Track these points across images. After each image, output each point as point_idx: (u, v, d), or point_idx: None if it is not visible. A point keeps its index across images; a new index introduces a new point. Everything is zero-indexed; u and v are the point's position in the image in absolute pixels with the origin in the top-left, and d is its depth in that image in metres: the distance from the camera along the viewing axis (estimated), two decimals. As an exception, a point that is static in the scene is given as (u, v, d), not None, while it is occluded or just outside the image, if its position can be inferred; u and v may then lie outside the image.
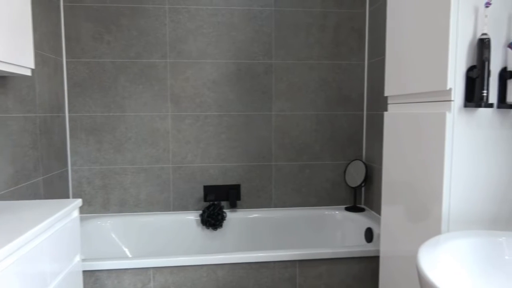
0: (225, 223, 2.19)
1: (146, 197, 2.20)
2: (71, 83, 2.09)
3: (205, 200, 2.22)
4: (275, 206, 2.30)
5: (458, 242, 0.86)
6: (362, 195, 2.37)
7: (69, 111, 2.10)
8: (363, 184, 2.20)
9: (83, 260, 1.57)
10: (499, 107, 0.98)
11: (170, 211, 2.22)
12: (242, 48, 2.19)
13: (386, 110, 2.04)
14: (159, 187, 2.20)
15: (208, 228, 2.18)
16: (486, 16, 0.95)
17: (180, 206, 2.23)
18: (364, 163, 2.20)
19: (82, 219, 2.06)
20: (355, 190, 2.27)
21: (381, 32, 2.09)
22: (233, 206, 2.21)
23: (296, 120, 2.27)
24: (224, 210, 2.21)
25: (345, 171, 2.32)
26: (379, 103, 2.13)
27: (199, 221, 2.18)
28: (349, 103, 2.31)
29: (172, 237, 2.15)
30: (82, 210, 2.15)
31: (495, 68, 0.97)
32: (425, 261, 0.74)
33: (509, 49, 0.95)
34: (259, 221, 2.21)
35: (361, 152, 2.35)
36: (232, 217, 2.20)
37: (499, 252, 0.86)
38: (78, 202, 1.26)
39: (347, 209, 2.27)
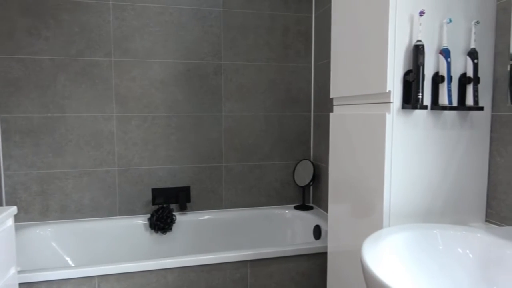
0: (175, 226, 2.15)
1: (89, 202, 2.09)
2: (3, 82, 1.93)
3: (154, 203, 2.16)
4: (226, 207, 2.30)
5: (397, 235, 0.91)
6: (311, 194, 2.44)
7: (1, 112, 1.94)
8: (311, 183, 2.27)
9: (19, 272, 1.46)
10: (432, 108, 1.05)
11: (116, 216, 2.13)
12: (190, 48, 2.16)
13: (332, 111, 2.12)
14: (103, 191, 2.10)
15: (157, 232, 2.12)
16: (420, 24, 1.02)
17: (127, 210, 2.15)
18: (312, 163, 2.27)
19: (18, 228, 1.91)
20: (304, 189, 2.34)
21: (327, 36, 2.17)
22: (183, 208, 2.17)
23: (246, 121, 2.28)
24: (174, 213, 2.17)
25: (294, 171, 2.38)
26: (326, 104, 2.20)
27: (148, 225, 2.11)
28: (297, 105, 2.36)
29: (119, 243, 2.07)
30: (18, 218, 2.00)
31: (428, 72, 1.05)
32: (368, 254, 0.78)
33: (440, 55, 1.03)
34: (210, 223, 2.20)
35: (309, 152, 2.42)
36: (182, 220, 2.16)
37: (433, 243, 0.93)
38: (13, 210, 1.17)
39: (296, 207, 2.32)
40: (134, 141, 2.12)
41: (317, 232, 2.00)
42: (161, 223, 2.07)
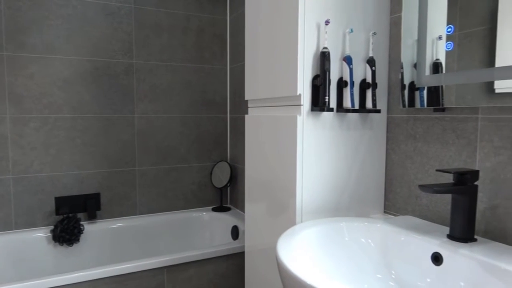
0: (83, 236, 1.99)
1: (-23, 216, 1.83)
2: None
3: (58, 213, 1.97)
4: (141, 213, 2.20)
5: (309, 230, 0.97)
6: (228, 195, 2.46)
7: None
8: (228, 184, 2.28)
9: None
10: (338, 111, 1.14)
11: (11, 229, 1.90)
12: (98, 45, 2.02)
13: (247, 113, 2.16)
14: (-5, 202, 1.86)
15: (62, 245, 1.94)
16: (326, 32, 1.09)
17: (26, 223, 1.92)
18: (229, 164, 2.29)
19: None
20: (221, 191, 2.34)
21: (242, 39, 2.21)
22: (92, 217, 2.02)
23: (160, 122, 2.21)
24: (82, 223, 2.00)
25: (211, 173, 2.37)
26: (241, 106, 2.24)
27: (51, 238, 1.92)
28: (213, 106, 2.36)
29: (15, 259, 1.84)
30: None
31: (334, 77, 1.13)
32: (283, 250, 0.82)
33: (344, 62, 1.12)
34: (123, 231, 2.08)
35: (226, 154, 2.43)
36: (92, 229, 2.01)
37: (341, 235, 1.00)
38: None
39: (214, 209, 2.32)
40: (33, 146, 1.91)
41: (235, 232, 2.02)
42: (66, 234, 1.89)
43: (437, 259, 0.85)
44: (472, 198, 0.86)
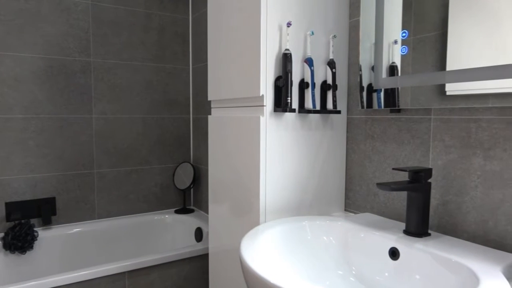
0: (37, 243, 1.88)
1: None
2: None
3: (9, 219, 1.85)
4: (100, 217, 2.12)
5: (273, 230, 0.97)
6: (191, 197, 2.43)
7: None
8: (191, 186, 2.25)
9: None
10: (299, 111, 1.16)
11: (-44, 238, 1.77)
12: (53, 42, 1.93)
13: (210, 113, 2.14)
14: None
15: (14, 253, 1.83)
16: (288, 34, 1.11)
17: (-28, 230, 1.80)
18: (192, 165, 2.26)
19: None
20: (185, 192, 2.31)
21: (204, 38, 2.19)
22: (47, 222, 1.92)
23: (120, 123, 2.15)
24: (35, 229, 1.90)
25: (174, 174, 2.33)
26: (204, 106, 2.22)
27: (1, 246, 1.81)
28: (175, 107, 2.33)
29: (-39, 270, 1.72)
30: None
31: (296, 79, 1.15)
32: (247, 251, 0.82)
33: (305, 64, 1.14)
34: (81, 236, 1.99)
35: (189, 155, 2.40)
36: (46, 235, 1.91)
37: (303, 234, 1.02)
38: None
39: (177, 211, 2.28)
40: (-20, 148, 1.79)
41: (199, 234, 2.00)
42: (18, 241, 1.79)
43: (394, 254, 0.89)
44: (426, 195, 0.90)
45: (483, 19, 0.82)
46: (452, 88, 0.89)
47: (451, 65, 0.89)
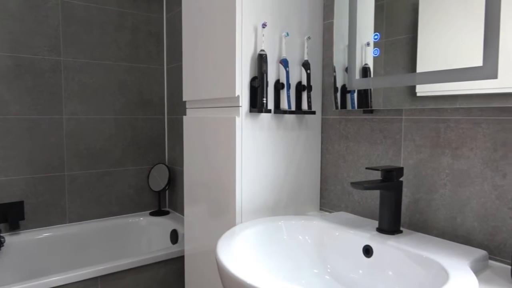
0: (3, 249, 1.81)
1: None
2: None
3: (-27, 225, 1.77)
4: (71, 221, 2.05)
5: (249, 231, 0.97)
6: (167, 198, 2.40)
7: None
8: (166, 187, 2.22)
9: None
10: (275, 112, 1.16)
11: None
12: (20, 40, 1.86)
13: (185, 114, 2.12)
14: None
15: (-22, 260, 1.75)
16: (263, 35, 1.11)
17: None
18: (167, 166, 2.23)
19: None
20: (159, 194, 2.28)
21: (179, 38, 2.16)
22: (15, 227, 1.84)
23: (92, 124, 2.09)
24: (2, 234, 1.82)
25: (148, 176, 2.29)
26: (179, 107, 2.20)
27: (-36, 253, 1.72)
28: (150, 107, 2.29)
29: None
30: None
31: (271, 79, 1.16)
32: (223, 252, 0.81)
33: (280, 65, 1.15)
34: (51, 241, 1.93)
35: (164, 156, 2.37)
36: (14, 241, 1.83)
37: (279, 234, 1.02)
38: None
39: (152, 214, 2.24)
40: None
41: (174, 236, 1.98)
42: (-17, 248, 1.71)
43: (368, 251, 0.91)
44: (398, 193, 0.93)
45: (449, 24, 0.85)
46: (422, 90, 0.92)
47: (421, 67, 0.92)
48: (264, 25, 1.09)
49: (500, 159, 0.84)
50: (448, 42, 0.86)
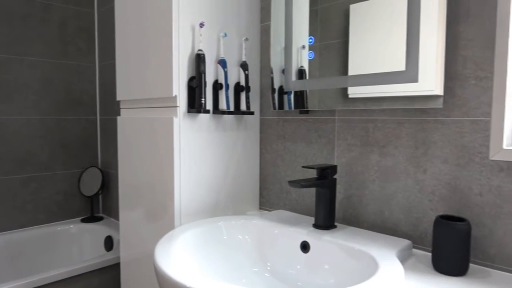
0: None
1: None
2: None
3: None
4: (-11, 232, 1.86)
5: (188, 233, 0.96)
6: (100, 204, 2.27)
7: None
8: (100, 192, 2.11)
9: None
10: (214, 112, 1.16)
11: None
12: None
13: (119, 114, 2.03)
14: None
15: None
16: (201, 35, 1.10)
17: None
18: (100, 170, 2.11)
19: None
20: (92, 199, 2.15)
21: (112, 35, 2.06)
22: None
23: (14, 126, 1.91)
24: None
25: (79, 180, 2.15)
26: (113, 107, 2.09)
27: None
28: (80, 107, 2.15)
29: None
30: None
31: (210, 80, 1.15)
32: (161, 256, 0.79)
33: (218, 65, 1.15)
34: (-36, 256, 1.72)
35: (97, 159, 2.24)
36: None
37: (219, 235, 1.02)
38: None
39: (84, 220, 2.11)
40: None
41: (109, 243, 1.88)
42: None
43: (305, 247, 0.94)
44: (332, 190, 0.97)
45: (376, 30, 0.91)
46: (354, 92, 0.97)
47: (352, 70, 0.97)
48: (201, 25, 1.08)
49: (421, 156, 0.91)
50: (376, 47, 0.92)
